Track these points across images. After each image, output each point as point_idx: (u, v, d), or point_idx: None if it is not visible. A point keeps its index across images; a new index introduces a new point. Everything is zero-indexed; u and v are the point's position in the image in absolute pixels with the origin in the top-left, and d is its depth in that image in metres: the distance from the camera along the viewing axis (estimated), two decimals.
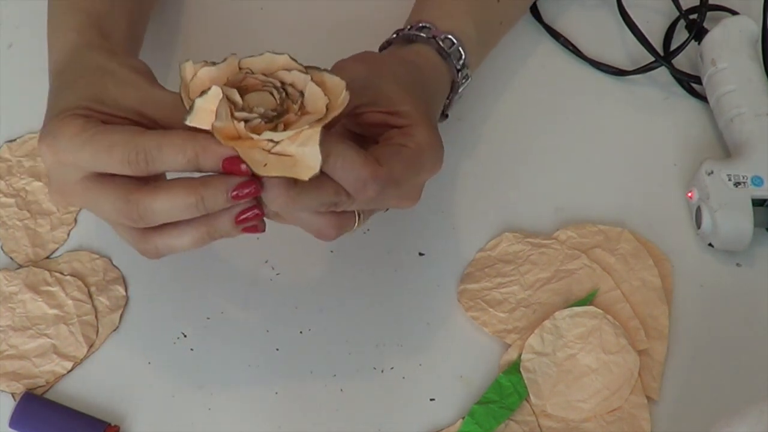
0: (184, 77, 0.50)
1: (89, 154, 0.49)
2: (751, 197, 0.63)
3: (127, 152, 0.48)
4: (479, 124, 0.69)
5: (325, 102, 0.49)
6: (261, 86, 0.50)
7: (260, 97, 0.49)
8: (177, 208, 0.49)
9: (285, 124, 0.48)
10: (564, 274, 0.63)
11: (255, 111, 0.48)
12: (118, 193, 0.50)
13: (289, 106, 0.49)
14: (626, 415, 0.59)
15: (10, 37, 0.72)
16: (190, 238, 0.51)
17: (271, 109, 0.49)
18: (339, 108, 0.49)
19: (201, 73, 0.50)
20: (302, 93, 0.50)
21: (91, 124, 0.50)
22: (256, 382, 0.60)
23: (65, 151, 0.50)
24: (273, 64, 0.51)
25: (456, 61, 0.61)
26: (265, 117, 0.48)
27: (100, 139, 0.49)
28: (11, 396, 0.59)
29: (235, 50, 0.72)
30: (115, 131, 0.50)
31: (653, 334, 0.61)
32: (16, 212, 0.65)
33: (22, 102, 0.70)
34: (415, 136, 0.53)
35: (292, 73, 0.50)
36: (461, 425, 0.58)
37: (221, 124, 0.47)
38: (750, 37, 0.69)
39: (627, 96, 0.72)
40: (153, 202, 0.49)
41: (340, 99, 0.49)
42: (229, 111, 0.48)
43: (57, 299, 0.61)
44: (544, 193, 0.67)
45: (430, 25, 0.61)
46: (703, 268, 0.65)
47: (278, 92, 0.49)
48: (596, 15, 0.75)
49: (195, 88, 0.49)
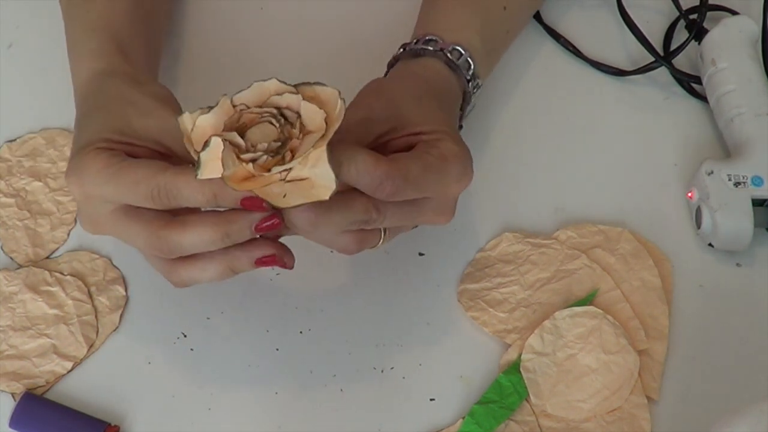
0: (185, 130, 0.50)
1: (115, 190, 0.51)
2: (751, 197, 0.63)
3: (149, 189, 0.50)
4: (479, 125, 0.69)
5: (322, 116, 0.49)
6: (259, 119, 0.50)
7: (261, 131, 0.49)
8: (204, 242, 0.51)
9: (291, 150, 0.49)
10: (564, 274, 0.63)
11: (259, 148, 0.48)
12: (147, 228, 0.51)
13: (290, 132, 0.49)
14: (626, 415, 0.59)
15: (10, 37, 0.72)
16: (213, 273, 0.53)
17: (274, 140, 0.49)
18: (338, 119, 0.49)
19: (200, 122, 0.50)
20: (299, 114, 0.50)
21: (114, 159, 0.51)
22: (256, 382, 0.60)
23: (92, 186, 0.51)
24: (264, 92, 0.51)
25: (465, 72, 0.61)
26: (270, 151, 0.48)
27: (124, 175, 0.50)
28: (11, 396, 0.59)
29: (236, 50, 0.72)
30: (138, 167, 0.51)
31: (653, 334, 0.61)
32: (16, 212, 0.65)
33: (22, 102, 0.70)
34: (440, 147, 0.53)
35: (284, 96, 0.50)
36: (461, 425, 0.58)
37: (230, 171, 0.48)
38: (750, 37, 0.69)
39: (627, 96, 0.72)
40: (181, 238, 0.51)
41: (337, 109, 0.49)
42: (235, 155, 0.48)
43: (57, 299, 0.61)
44: (544, 193, 0.67)
45: (436, 37, 0.61)
46: (703, 268, 0.65)
47: (276, 120, 0.49)
48: (596, 16, 0.75)
49: (197, 138, 0.49)
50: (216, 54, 0.72)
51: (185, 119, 0.50)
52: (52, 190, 0.66)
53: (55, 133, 0.68)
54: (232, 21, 0.74)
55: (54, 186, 0.66)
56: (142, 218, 0.52)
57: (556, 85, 0.72)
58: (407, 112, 0.55)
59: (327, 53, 0.73)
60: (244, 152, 0.48)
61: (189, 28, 0.73)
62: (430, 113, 0.56)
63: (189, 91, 0.70)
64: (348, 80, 0.65)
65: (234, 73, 0.71)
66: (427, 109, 0.56)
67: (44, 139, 0.68)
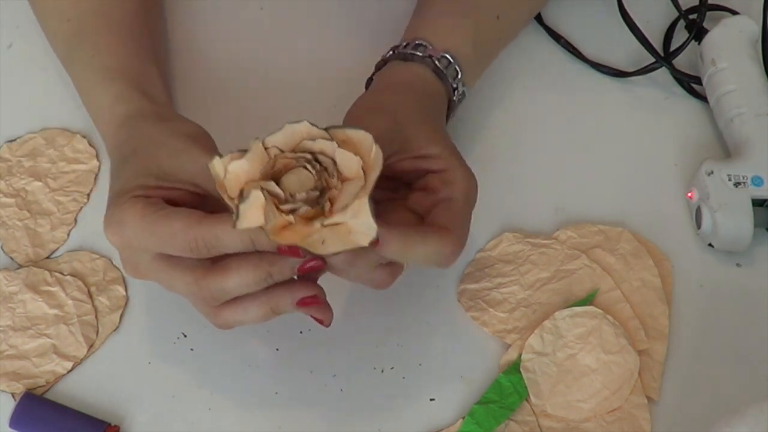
0: (217, 176, 0.49)
1: (153, 241, 0.51)
2: (751, 197, 0.63)
3: (187, 242, 0.50)
4: (479, 125, 0.69)
5: (359, 163, 0.49)
6: (294, 164, 0.49)
7: (298, 178, 0.49)
8: (246, 284, 0.51)
9: (330, 200, 0.48)
10: (564, 274, 0.63)
11: (298, 198, 0.48)
12: (189, 276, 0.52)
13: (327, 180, 0.49)
14: (626, 415, 0.59)
15: (10, 37, 0.72)
16: (256, 314, 0.53)
17: (311, 188, 0.49)
18: (376, 167, 0.49)
19: (232, 168, 0.49)
20: (334, 159, 0.49)
21: (150, 209, 0.51)
22: (256, 382, 0.60)
23: (131, 238, 0.52)
24: (295, 135, 0.50)
25: (452, 80, 0.61)
26: (309, 201, 0.48)
27: (161, 227, 0.51)
28: (11, 396, 0.59)
29: (236, 50, 0.72)
30: (173, 219, 0.51)
31: (653, 334, 0.61)
32: (16, 212, 0.65)
33: (22, 102, 0.70)
34: (456, 181, 0.54)
35: (317, 142, 0.50)
36: (461, 425, 0.58)
37: (272, 224, 0.47)
38: (750, 37, 0.69)
39: (627, 96, 0.72)
40: (223, 283, 0.51)
41: (372, 155, 0.49)
42: (274, 205, 0.48)
43: (57, 299, 0.61)
44: (544, 193, 0.67)
45: (426, 43, 0.61)
46: (703, 268, 0.65)
47: (312, 165, 0.49)
48: (596, 16, 0.75)
49: (231, 185, 0.49)
50: (216, 54, 0.72)
51: (216, 165, 0.50)
52: (52, 190, 0.66)
53: (55, 133, 0.68)
54: (232, 21, 0.74)
55: (54, 186, 0.66)
56: (182, 266, 0.52)
57: (556, 85, 0.72)
58: (410, 133, 0.55)
59: (327, 53, 0.73)
60: (284, 202, 0.48)
61: (189, 28, 0.73)
62: (431, 132, 0.56)
63: (189, 91, 0.70)
64: (348, 80, 0.66)
65: (235, 74, 0.71)
66: (427, 127, 0.56)
67: (44, 139, 0.68)
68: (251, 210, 0.47)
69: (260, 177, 0.49)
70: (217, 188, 0.49)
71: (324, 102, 0.69)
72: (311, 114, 0.69)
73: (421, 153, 0.55)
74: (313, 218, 0.48)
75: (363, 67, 0.65)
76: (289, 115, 0.69)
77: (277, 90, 0.71)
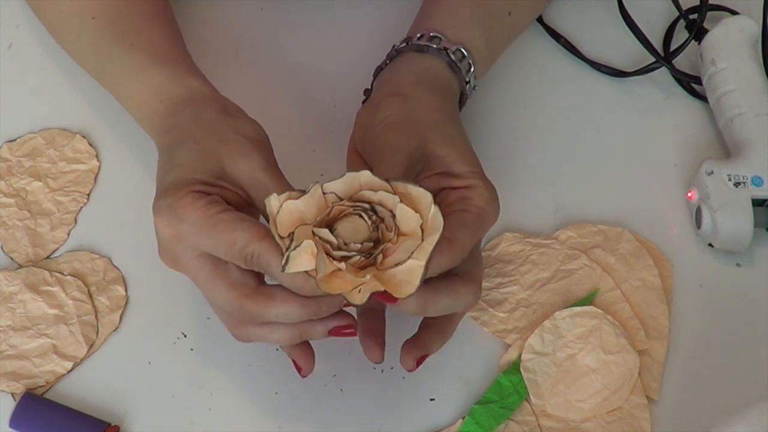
0: (271, 212, 0.49)
1: (210, 244, 0.50)
2: (751, 197, 0.63)
3: (245, 254, 0.49)
4: (480, 125, 0.69)
5: (418, 221, 0.48)
6: (351, 212, 0.49)
7: (352, 225, 0.48)
8: (287, 318, 0.50)
9: (383, 253, 0.48)
10: (564, 274, 0.63)
11: (352, 247, 0.48)
12: (233, 292, 0.51)
13: (383, 233, 0.49)
14: (626, 415, 0.59)
15: (10, 37, 0.72)
16: (283, 336, 0.52)
17: (366, 239, 0.48)
18: (436, 230, 0.48)
19: (287, 207, 0.49)
20: (392, 213, 0.49)
21: (212, 209, 0.50)
22: (256, 382, 0.60)
23: (186, 234, 0.51)
24: (355, 184, 0.50)
25: (465, 74, 0.61)
26: (363, 251, 0.48)
27: (222, 232, 0.50)
28: (11, 396, 0.59)
29: (236, 50, 0.72)
30: (236, 227, 0.50)
31: (653, 334, 0.61)
32: (16, 212, 0.65)
33: (22, 102, 0.70)
34: (476, 198, 0.53)
35: (378, 193, 0.49)
36: (461, 425, 0.58)
37: (323, 273, 0.47)
38: (750, 37, 0.69)
39: (627, 96, 0.72)
40: (267, 312, 0.50)
41: (431, 215, 0.48)
42: (325, 252, 0.48)
43: (57, 299, 0.61)
44: (544, 193, 0.67)
45: (440, 35, 0.61)
46: (703, 268, 0.65)
47: (368, 215, 0.49)
48: (596, 16, 0.75)
49: (283, 222, 0.49)
50: (216, 54, 0.72)
51: (272, 201, 0.49)
52: (52, 190, 0.66)
53: (55, 133, 0.68)
54: (232, 21, 0.74)
55: (54, 186, 0.66)
56: (228, 278, 0.51)
57: (556, 85, 0.72)
58: (434, 148, 0.54)
59: (327, 53, 0.73)
60: (336, 249, 0.48)
61: (189, 28, 0.73)
62: (454, 145, 0.55)
63: None
64: (349, 80, 0.66)
65: (235, 74, 0.71)
66: (451, 139, 0.55)
67: (44, 139, 0.68)
68: (301, 255, 0.47)
69: (315, 223, 0.48)
70: (269, 224, 0.49)
71: (325, 102, 0.69)
72: (312, 113, 0.70)
73: (445, 170, 0.54)
74: (364, 268, 0.48)
75: (364, 67, 0.65)
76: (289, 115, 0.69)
77: (278, 90, 0.71)
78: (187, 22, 0.73)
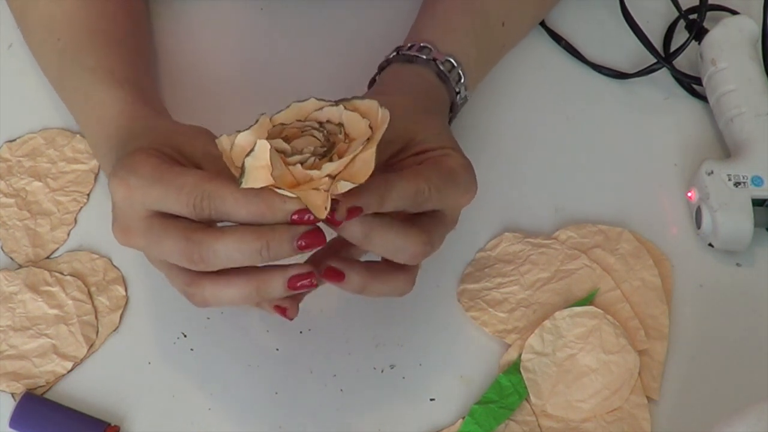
0: (224, 149, 0.50)
1: (159, 192, 0.50)
2: (751, 197, 0.63)
3: (194, 196, 0.49)
4: (480, 125, 0.69)
5: (366, 123, 0.49)
6: (301, 132, 0.49)
7: (305, 141, 0.49)
8: (240, 251, 0.49)
9: (338, 154, 0.49)
10: (564, 274, 0.63)
11: (305, 152, 0.48)
12: (181, 232, 0.50)
13: (335, 139, 0.49)
14: (626, 415, 0.59)
15: (10, 37, 0.72)
16: (239, 292, 0.51)
17: (320, 146, 0.49)
18: (383, 123, 0.49)
19: (239, 140, 0.49)
20: (341, 124, 0.50)
21: (165, 165, 0.51)
22: (256, 382, 0.60)
23: (137, 187, 0.51)
24: (302, 112, 0.51)
25: (454, 84, 0.61)
26: (316, 155, 0.48)
27: (170, 179, 0.50)
28: (11, 396, 0.59)
29: (236, 51, 0.72)
30: (185, 174, 0.50)
31: (653, 334, 0.61)
32: (16, 212, 0.65)
33: (22, 102, 0.70)
34: (448, 161, 0.53)
35: (324, 110, 0.50)
36: (461, 425, 0.58)
37: (279, 172, 0.47)
38: (750, 37, 0.69)
39: (627, 96, 0.72)
40: (216, 243, 0.49)
41: (380, 116, 0.49)
42: (282, 159, 0.48)
43: (57, 299, 0.61)
44: (544, 193, 0.67)
45: (430, 46, 0.61)
46: (703, 268, 0.65)
47: (319, 131, 0.49)
48: (597, 18, 0.75)
49: (238, 155, 0.49)
50: (216, 55, 0.72)
51: (223, 140, 0.50)
52: (52, 190, 0.66)
53: (55, 133, 0.68)
54: (232, 21, 0.74)
55: (54, 186, 0.66)
56: (177, 225, 0.50)
57: (556, 86, 0.72)
58: (416, 132, 0.55)
59: (327, 53, 0.73)
60: (291, 155, 0.48)
61: (189, 28, 0.73)
62: (436, 130, 0.56)
63: (189, 92, 0.70)
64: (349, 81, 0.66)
65: (235, 75, 0.71)
66: (432, 126, 0.56)
67: (44, 139, 0.68)
68: (257, 168, 0.47)
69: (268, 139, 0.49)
70: (224, 160, 0.49)
71: None
72: None
73: (423, 148, 0.54)
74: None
75: (364, 69, 0.65)
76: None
77: (278, 91, 0.71)
78: (188, 22, 0.73)
